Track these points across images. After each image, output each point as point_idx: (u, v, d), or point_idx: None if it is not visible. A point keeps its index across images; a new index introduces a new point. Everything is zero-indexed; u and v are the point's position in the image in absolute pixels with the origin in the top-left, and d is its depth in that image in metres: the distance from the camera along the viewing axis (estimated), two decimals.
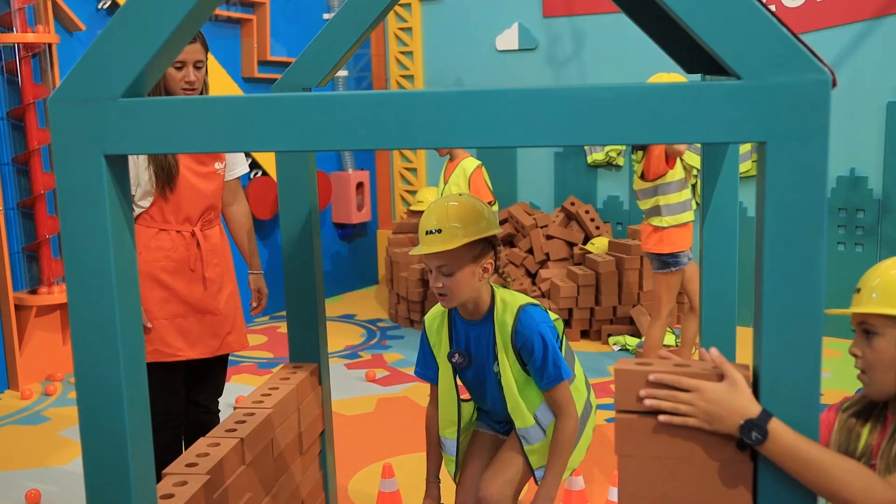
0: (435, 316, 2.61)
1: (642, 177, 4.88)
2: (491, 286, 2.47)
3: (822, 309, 1.46)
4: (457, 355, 2.52)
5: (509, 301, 2.41)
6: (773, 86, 1.39)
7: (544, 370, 2.36)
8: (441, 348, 2.57)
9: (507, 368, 2.41)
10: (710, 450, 1.54)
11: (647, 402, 1.53)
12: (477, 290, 2.43)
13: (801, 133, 1.40)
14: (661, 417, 1.52)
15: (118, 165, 1.63)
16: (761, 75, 1.39)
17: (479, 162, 5.75)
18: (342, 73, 7.55)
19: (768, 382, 1.48)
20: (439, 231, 2.37)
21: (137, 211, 3.15)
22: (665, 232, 4.88)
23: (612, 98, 1.46)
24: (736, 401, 1.48)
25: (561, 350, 2.45)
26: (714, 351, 1.52)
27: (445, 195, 2.56)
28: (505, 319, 2.39)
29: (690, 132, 1.47)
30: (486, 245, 2.41)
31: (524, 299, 2.42)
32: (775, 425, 1.45)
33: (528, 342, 2.36)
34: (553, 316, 2.54)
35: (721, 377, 1.51)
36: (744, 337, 2.61)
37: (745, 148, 6.10)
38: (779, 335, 1.46)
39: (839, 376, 5.08)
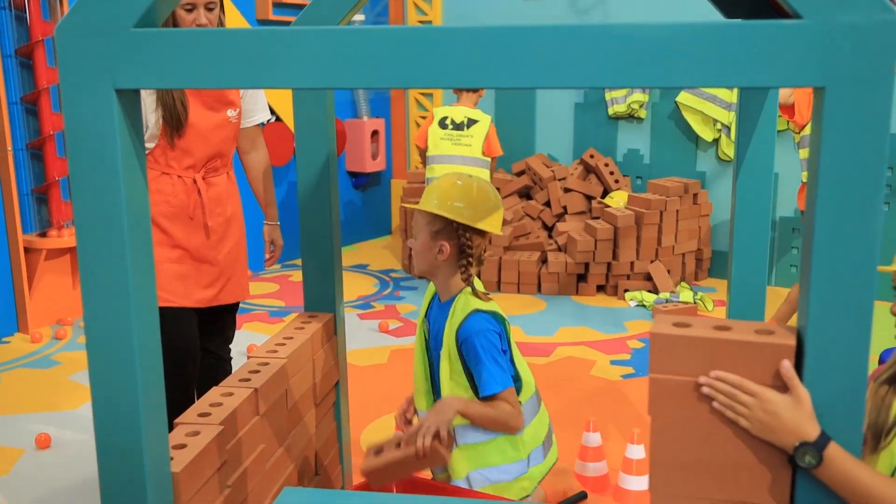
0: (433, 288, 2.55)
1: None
2: (466, 286, 2.36)
3: (875, 267, 1.37)
4: (428, 322, 2.48)
5: (471, 302, 2.33)
6: (837, 26, 1.29)
7: (479, 377, 2.27)
8: (422, 309, 2.52)
9: (446, 357, 2.34)
10: None
11: (705, 389, 1.45)
12: (435, 268, 2.36)
13: (864, 78, 1.30)
14: (716, 404, 1.45)
15: (130, 100, 1.54)
16: (824, 14, 1.29)
17: (435, 112, 5.79)
18: (359, 17, 7.40)
19: (815, 344, 1.39)
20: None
21: None
22: (801, 187, 4.93)
23: (657, 37, 1.35)
24: (796, 419, 1.39)
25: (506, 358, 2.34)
26: (786, 363, 1.41)
27: (465, 174, 2.45)
28: (457, 314, 2.32)
29: (743, 75, 1.37)
30: (449, 228, 2.32)
31: (485, 307, 2.31)
32: (832, 451, 1.37)
33: (466, 342, 2.29)
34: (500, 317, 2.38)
35: (785, 389, 1.42)
36: (773, 297, 2.54)
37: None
38: (829, 294, 1.38)
39: None
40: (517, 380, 2.37)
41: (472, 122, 5.66)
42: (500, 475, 2.33)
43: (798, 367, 1.42)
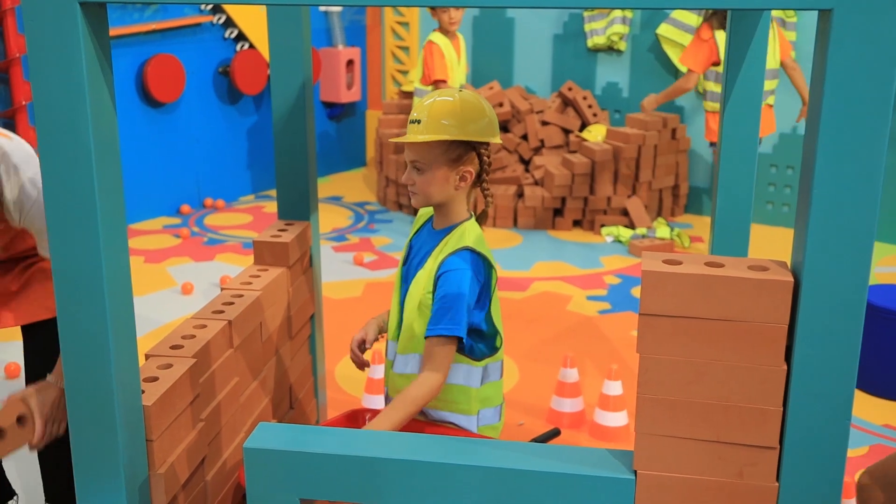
0: (428, 212, 2.36)
1: None
2: (471, 215, 2.22)
3: (877, 202, 1.32)
4: (411, 248, 2.32)
5: (466, 235, 2.15)
6: None
7: (437, 311, 2.09)
8: (411, 234, 2.36)
9: (421, 282, 2.17)
10: (741, 354, 1.42)
11: None
12: (450, 198, 2.17)
13: (875, 0, 1.24)
14: None
15: (95, 15, 1.45)
16: None
17: (437, 37, 5.58)
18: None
19: (812, 281, 1.35)
20: (419, 122, 2.12)
21: None
22: (707, 117, 5.40)
23: None
24: None
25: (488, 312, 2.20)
26: None
27: (452, 88, 2.22)
28: (451, 244, 2.15)
29: None
30: (470, 151, 2.14)
31: (478, 246, 2.15)
32: None
33: (447, 273, 2.10)
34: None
35: None
36: (757, 235, 2.50)
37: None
38: (828, 228, 1.33)
39: None
40: (495, 336, 2.21)
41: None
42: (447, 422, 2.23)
43: (793, 304, 1.38)
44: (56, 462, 2.58)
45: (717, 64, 4.98)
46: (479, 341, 2.16)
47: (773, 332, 1.39)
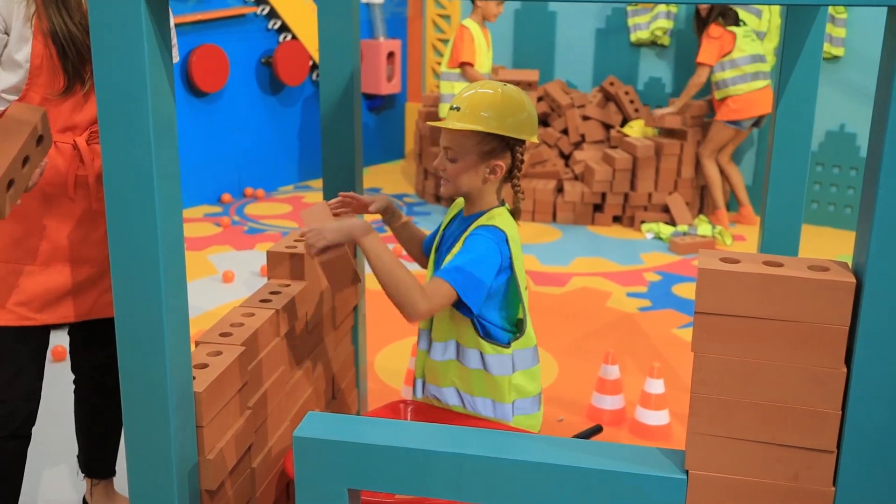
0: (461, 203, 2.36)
1: None
2: (502, 203, 2.21)
3: None
4: (443, 236, 2.32)
5: (497, 218, 2.15)
6: None
7: (452, 259, 2.08)
8: (444, 224, 2.35)
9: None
10: (799, 355, 1.40)
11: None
12: (478, 190, 2.17)
13: None
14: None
15: (158, 4, 1.45)
16: None
17: (470, 23, 5.89)
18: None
19: (875, 283, 1.33)
20: (458, 109, 2.12)
21: None
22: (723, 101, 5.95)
23: None
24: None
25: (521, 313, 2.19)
26: None
27: (497, 82, 2.21)
28: (480, 222, 2.14)
29: None
30: (503, 146, 2.13)
31: (505, 226, 2.14)
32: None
33: (467, 238, 2.11)
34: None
35: None
36: (803, 234, 2.48)
37: None
38: (894, 230, 1.31)
39: None
40: (515, 323, 2.21)
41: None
42: (485, 411, 2.20)
43: (854, 305, 1.36)
44: (97, 435, 2.63)
45: (727, 54, 5.69)
46: (502, 329, 2.17)
47: (834, 333, 1.37)
